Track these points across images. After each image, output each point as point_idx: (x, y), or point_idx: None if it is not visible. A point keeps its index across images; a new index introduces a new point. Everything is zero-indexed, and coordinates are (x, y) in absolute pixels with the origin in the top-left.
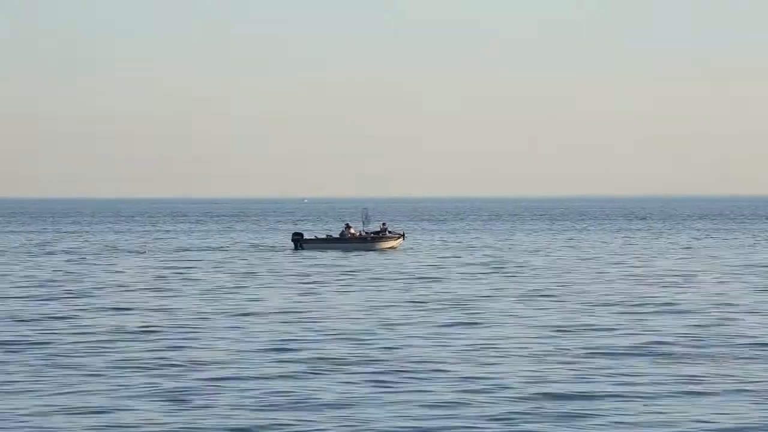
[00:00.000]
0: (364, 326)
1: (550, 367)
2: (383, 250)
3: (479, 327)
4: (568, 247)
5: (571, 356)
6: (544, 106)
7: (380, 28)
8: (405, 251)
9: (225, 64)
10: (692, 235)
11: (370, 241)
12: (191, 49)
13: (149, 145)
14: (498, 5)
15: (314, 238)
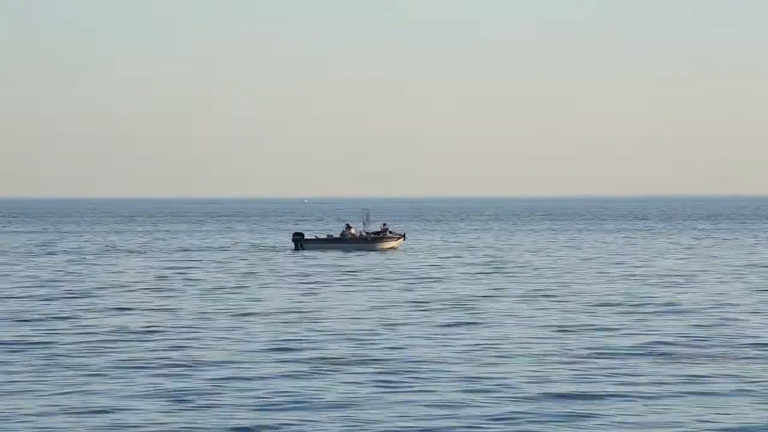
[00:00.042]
0: (365, 326)
1: (552, 367)
2: (384, 250)
3: (480, 327)
4: (569, 247)
5: (572, 356)
6: (544, 106)
7: (380, 28)
8: (406, 251)
9: (225, 64)
10: (693, 236)
11: (371, 241)
12: (191, 49)
13: (149, 145)
14: (498, 5)
15: (315, 238)
